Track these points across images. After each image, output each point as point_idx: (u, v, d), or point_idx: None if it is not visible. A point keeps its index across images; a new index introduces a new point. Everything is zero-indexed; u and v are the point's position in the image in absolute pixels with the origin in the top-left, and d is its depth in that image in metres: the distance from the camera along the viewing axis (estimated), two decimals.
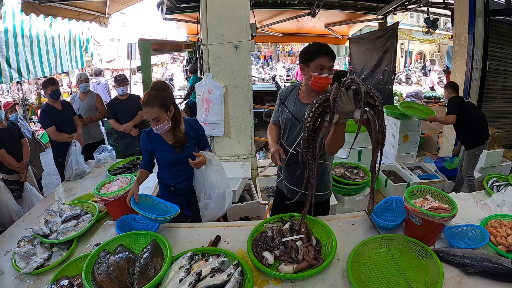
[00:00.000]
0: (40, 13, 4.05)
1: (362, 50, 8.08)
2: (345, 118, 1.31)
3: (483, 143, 3.33)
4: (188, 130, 1.94)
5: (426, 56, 20.10)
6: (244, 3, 3.11)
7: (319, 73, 1.57)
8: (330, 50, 1.58)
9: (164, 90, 1.77)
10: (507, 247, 1.44)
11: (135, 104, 3.71)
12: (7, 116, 3.02)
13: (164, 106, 1.73)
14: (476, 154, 3.37)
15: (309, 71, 1.61)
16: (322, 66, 1.56)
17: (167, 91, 1.79)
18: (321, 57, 1.56)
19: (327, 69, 1.57)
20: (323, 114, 1.33)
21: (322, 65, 1.56)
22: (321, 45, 1.59)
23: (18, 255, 1.60)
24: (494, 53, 4.24)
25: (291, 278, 1.32)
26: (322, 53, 1.56)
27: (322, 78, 1.57)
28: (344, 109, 1.25)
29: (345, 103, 1.25)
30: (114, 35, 19.02)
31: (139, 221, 1.74)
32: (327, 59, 1.56)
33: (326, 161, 1.79)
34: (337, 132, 1.40)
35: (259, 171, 3.67)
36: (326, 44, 1.61)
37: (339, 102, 1.24)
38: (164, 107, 1.74)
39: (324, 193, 1.85)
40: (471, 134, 3.34)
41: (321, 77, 1.57)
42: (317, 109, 1.31)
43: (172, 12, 6.24)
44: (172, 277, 1.29)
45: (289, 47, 21.43)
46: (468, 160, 3.40)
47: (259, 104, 7.38)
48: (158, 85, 1.80)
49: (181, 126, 1.90)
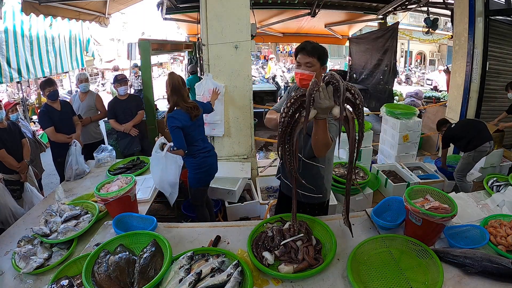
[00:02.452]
0: (40, 13, 4.05)
1: (362, 50, 8.09)
2: (324, 113, 1.27)
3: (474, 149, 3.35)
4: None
5: (426, 56, 20.09)
6: (244, 3, 3.12)
7: (296, 69, 1.64)
8: (305, 47, 1.61)
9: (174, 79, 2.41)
10: (507, 247, 1.44)
11: (135, 104, 3.71)
12: (8, 116, 3.02)
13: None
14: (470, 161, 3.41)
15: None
16: (298, 62, 1.63)
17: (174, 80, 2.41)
18: (299, 54, 1.63)
19: (303, 65, 1.61)
20: (300, 109, 1.30)
21: (298, 61, 1.63)
22: (302, 43, 1.65)
23: (18, 255, 1.60)
24: (494, 53, 4.24)
25: (291, 278, 1.32)
26: (298, 50, 1.63)
27: (296, 73, 1.63)
28: (322, 104, 1.22)
29: (323, 98, 1.21)
30: (114, 35, 19.02)
31: (136, 219, 1.76)
32: (303, 55, 1.61)
33: (318, 163, 1.75)
34: (317, 128, 1.37)
35: (259, 171, 3.68)
36: (311, 41, 1.65)
37: (317, 97, 1.21)
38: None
39: (316, 196, 1.79)
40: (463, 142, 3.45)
41: (296, 73, 1.64)
42: (294, 103, 1.28)
43: (172, 12, 6.24)
44: (172, 277, 1.29)
45: (289, 47, 21.42)
46: (461, 163, 3.46)
47: (259, 104, 7.38)
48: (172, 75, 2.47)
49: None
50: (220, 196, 3.17)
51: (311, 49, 1.59)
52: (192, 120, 2.44)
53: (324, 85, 1.22)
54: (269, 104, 7.82)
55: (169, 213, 3.65)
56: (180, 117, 2.36)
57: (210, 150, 2.65)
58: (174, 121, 2.33)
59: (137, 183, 2.22)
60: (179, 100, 2.40)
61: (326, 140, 1.41)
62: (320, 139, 1.40)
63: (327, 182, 1.86)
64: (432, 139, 5.46)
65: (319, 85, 1.22)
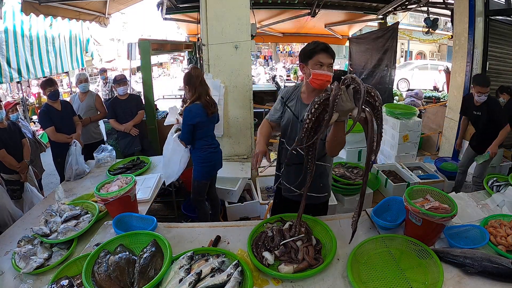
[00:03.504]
0: (40, 13, 4.05)
1: (362, 50, 8.07)
2: (344, 116, 1.30)
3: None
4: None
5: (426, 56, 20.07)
6: (244, 3, 3.11)
7: (318, 70, 1.56)
8: (328, 47, 1.57)
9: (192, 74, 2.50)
10: (507, 247, 1.44)
11: (135, 104, 3.71)
12: (8, 116, 3.02)
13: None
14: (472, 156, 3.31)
15: (308, 69, 1.60)
16: (321, 63, 1.56)
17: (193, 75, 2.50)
18: (319, 54, 1.56)
19: (326, 66, 1.56)
20: (323, 113, 1.32)
21: (320, 62, 1.56)
22: (319, 42, 1.59)
23: (18, 255, 1.60)
24: (494, 53, 4.24)
25: (291, 278, 1.32)
26: (319, 50, 1.56)
27: (321, 75, 1.55)
28: (344, 107, 1.24)
29: (344, 101, 1.23)
30: (114, 35, 19.00)
31: (136, 219, 1.76)
32: (326, 55, 1.56)
33: (325, 163, 1.77)
34: (337, 130, 1.39)
35: (259, 171, 3.67)
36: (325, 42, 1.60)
37: (339, 100, 1.23)
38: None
39: (322, 195, 1.83)
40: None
41: (320, 74, 1.55)
42: (317, 109, 1.30)
43: (172, 12, 6.24)
44: (172, 277, 1.29)
45: (289, 47, 21.42)
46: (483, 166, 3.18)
47: (259, 104, 7.37)
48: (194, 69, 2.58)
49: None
50: (220, 196, 3.18)
51: (332, 50, 1.57)
52: (208, 116, 2.55)
53: (345, 87, 1.23)
54: (269, 104, 7.82)
55: (169, 213, 3.65)
56: (197, 112, 2.47)
57: (216, 147, 2.77)
58: (189, 116, 2.47)
59: (137, 183, 2.22)
60: (203, 94, 2.51)
61: (344, 141, 1.46)
62: (339, 140, 1.44)
63: (331, 180, 1.91)
64: (432, 139, 5.46)
65: (341, 88, 1.22)
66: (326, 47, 1.56)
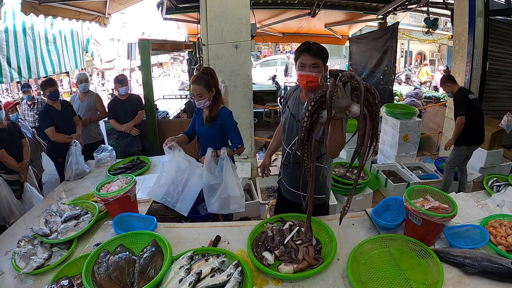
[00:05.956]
0: (39, 13, 4.05)
1: (362, 50, 8.08)
2: (341, 113, 1.27)
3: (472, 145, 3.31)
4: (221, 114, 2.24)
5: (426, 56, 20.06)
6: (244, 3, 3.12)
7: (300, 71, 1.58)
8: (311, 48, 1.56)
9: (210, 75, 2.20)
10: (507, 247, 1.44)
11: (135, 104, 3.71)
12: (8, 116, 3.02)
13: (207, 86, 2.13)
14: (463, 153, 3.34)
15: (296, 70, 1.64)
16: (302, 64, 1.57)
17: (212, 75, 2.21)
18: (302, 55, 1.57)
19: (308, 67, 1.56)
20: (318, 111, 1.31)
21: (302, 63, 1.57)
22: (305, 43, 1.59)
23: (18, 255, 1.60)
24: (494, 53, 4.24)
25: (291, 278, 1.32)
26: (301, 51, 1.57)
27: (302, 75, 1.57)
28: (340, 104, 1.21)
29: (341, 98, 1.21)
30: (114, 35, 18.98)
31: (136, 219, 1.76)
32: (308, 56, 1.55)
33: (323, 164, 1.74)
34: (334, 128, 1.36)
35: (259, 171, 3.67)
36: (315, 42, 1.60)
37: (335, 98, 1.21)
38: (207, 87, 2.14)
39: (319, 197, 1.80)
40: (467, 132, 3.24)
41: (301, 75, 1.58)
42: (313, 106, 1.28)
43: (172, 12, 6.24)
44: (172, 277, 1.29)
45: (289, 47, 21.42)
46: (453, 154, 3.37)
47: (259, 104, 7.38)
48: (206, 70, 2.28)
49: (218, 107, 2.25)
50: None
51: (317, 50, 1.55)
52: None
53: (342, 84, 1.22)
54: (269, 104, 7.83)
55: (169, 213, 3.65)
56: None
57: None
58: (232, 117, 2.29)
59: (137, 183, 2.22)
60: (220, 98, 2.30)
61: (343, 140, 1.42)
62: (338, 139, 1.40)
63: (329, 182, 1.87)
64: (432, 139, 5.46)
65: (338, 85, 1.21)
66: (308, 48, 1.56)
